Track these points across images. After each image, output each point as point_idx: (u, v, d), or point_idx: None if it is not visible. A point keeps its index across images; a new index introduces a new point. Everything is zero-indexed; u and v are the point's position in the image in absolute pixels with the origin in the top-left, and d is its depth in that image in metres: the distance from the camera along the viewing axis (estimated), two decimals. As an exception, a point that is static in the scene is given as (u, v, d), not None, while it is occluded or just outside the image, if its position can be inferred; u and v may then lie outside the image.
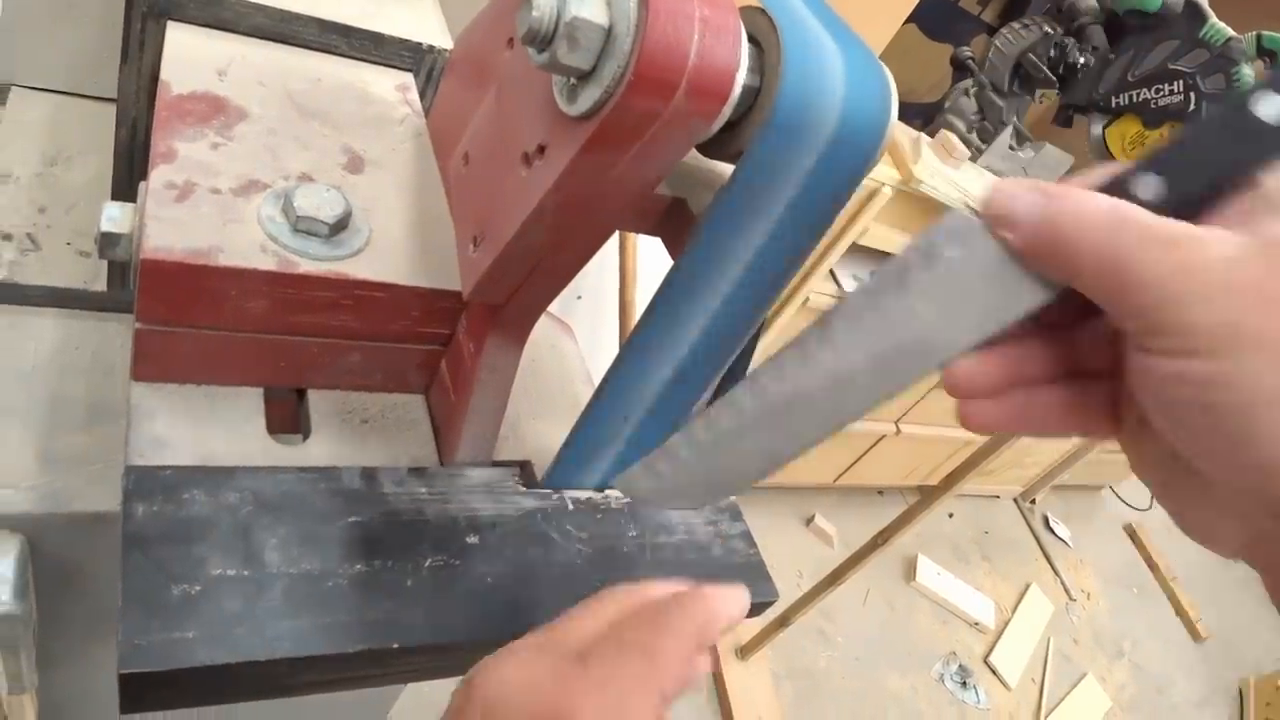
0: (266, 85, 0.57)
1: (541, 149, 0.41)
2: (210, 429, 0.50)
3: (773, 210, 0.41)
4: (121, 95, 0.60)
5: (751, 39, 0.40)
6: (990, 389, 0.30)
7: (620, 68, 0.35)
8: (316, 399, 0.55)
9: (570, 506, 0.55)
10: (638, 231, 0.46)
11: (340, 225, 0.50)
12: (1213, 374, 0.23)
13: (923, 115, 1.79)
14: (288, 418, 0.55)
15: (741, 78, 0.38)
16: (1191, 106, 1.47)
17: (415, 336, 0.54)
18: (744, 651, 1.76)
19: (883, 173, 1.38)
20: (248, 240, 0.48)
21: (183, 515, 0.44)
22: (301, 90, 0.58)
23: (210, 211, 0.48)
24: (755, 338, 0.50)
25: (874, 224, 1.44)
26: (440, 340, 0.55)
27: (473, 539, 0.50)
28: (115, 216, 0.49)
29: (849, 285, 1.55)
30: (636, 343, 0.46)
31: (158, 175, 0.48)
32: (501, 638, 0.35)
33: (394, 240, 0.53)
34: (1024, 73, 1.60)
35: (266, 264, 0.47)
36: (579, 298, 1.39)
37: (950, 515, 2.53)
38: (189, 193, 0.49)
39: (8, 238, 0.65)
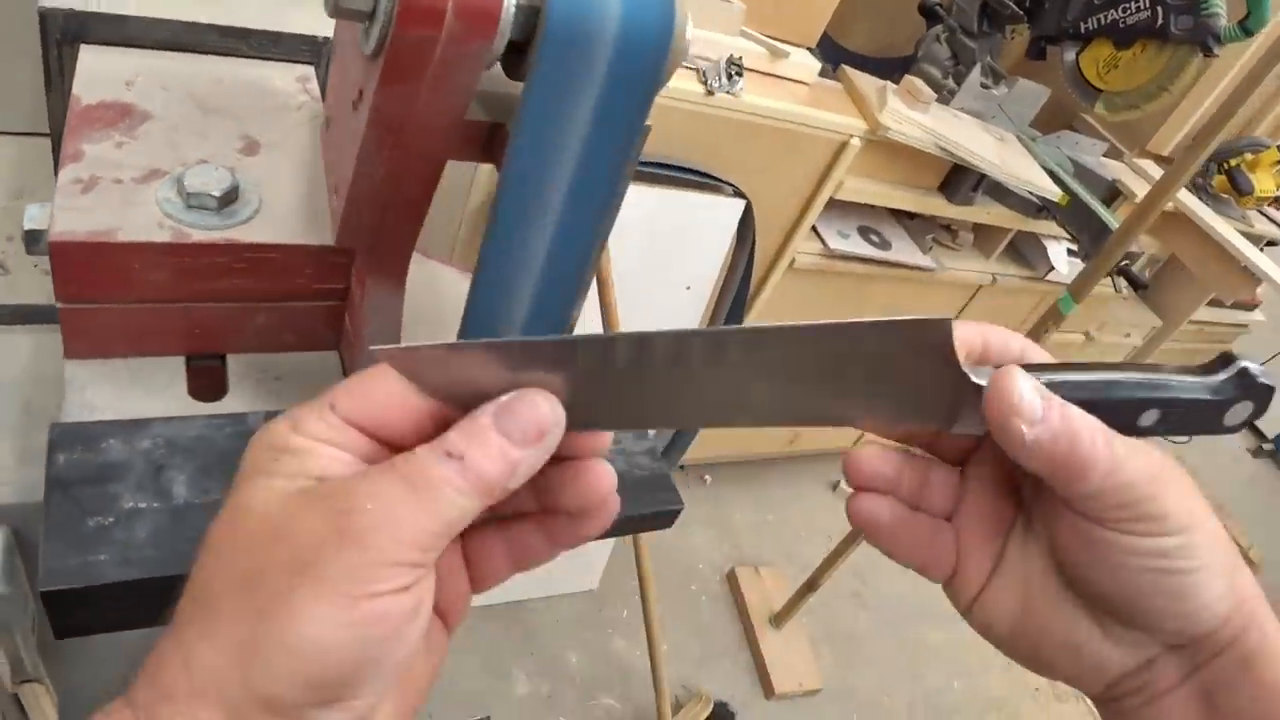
0: (170, 90, 0.63)
1: (360, 93, 0.46)
2: (134, 394, 0.56)
3: (573, 122, 0.45)
4: (52, 120, 0.67)
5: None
6: (885, 487, 0.35)
7: (390, 3, 0.40)
8: (234, 363, 0.61)
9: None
10: (469, 159, 0.50)
11: (229, 198, 0.56)
12: (1180, 546, 0.30)
13: (902, 67, 1.80)
14: (212, 383, 0.60)
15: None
16: (1159, 21, 1.46)
17: (314, 294, 0.59)
18: (778, 620, 1.78)
19: (848, 124, 1.40)
20: (146, 219, 0.54)
21: (99, 460, 0.49)
22: (204, 91, 0.64)
23: (112, 199, 0.54)
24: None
25: (848, 177, 1.46)
26: (338, 295, 0.60)
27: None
28: (35, 215, 0.55)
29: (835, 243, 1.56)
30: (485, 275, 0.50)
31: (65, 173, 0.54)
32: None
33: (286, 209, 0.58)
34: (991, 11, 1.61)
35: (162, 237, 0.53)
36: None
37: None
38: (93, 185, 0.55)
39: (-22, 264, 0.72)
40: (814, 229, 1.57)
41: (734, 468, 2.11)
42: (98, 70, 0.63)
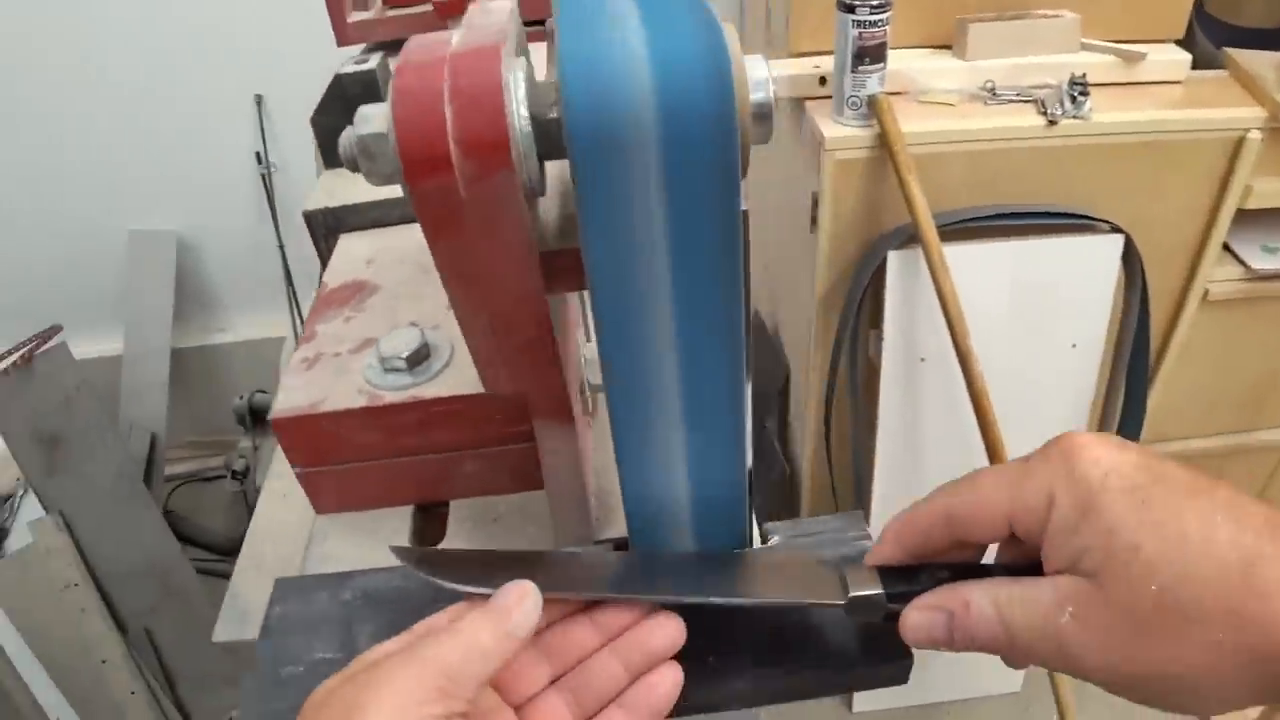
0: (404, 261, 0.71)
1: (434, 250, 0.46)
2: (368, 543, 0.61)
3: (642, 232, 0.40)
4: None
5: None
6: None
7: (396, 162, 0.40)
8: (458, 507, 0.64)
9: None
10: (568, 290, 0.47)
11: (417, 357, 0.60)
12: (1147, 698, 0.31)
13: (1261, 40, 1.39)
14: (432, 528, 0.64)
15: (520, 119, 0.39)
16: None
17: (511, 437, 0.61)
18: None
19: (1239, 116, 1.12)
20: (350, 388, 0.60)
21: (305, 612, 0.54)
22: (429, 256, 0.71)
23: (327, 372, 0.61)
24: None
25: (1256, 179, 1.16)
26: (532, 438, 0.60)
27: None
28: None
29: (1260, 261, 1.23)
30: (618, 433, 0.45)
31: (296, 355, 0.63)
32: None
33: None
34: None
35: (359, 402, 0.58)
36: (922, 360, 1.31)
37: None
38: (316, 362, 0.62)
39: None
40: (1227, 248, 1.26)
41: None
42: (347, 254, 0.72)
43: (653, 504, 0.46)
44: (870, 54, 1.09)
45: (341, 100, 0.76)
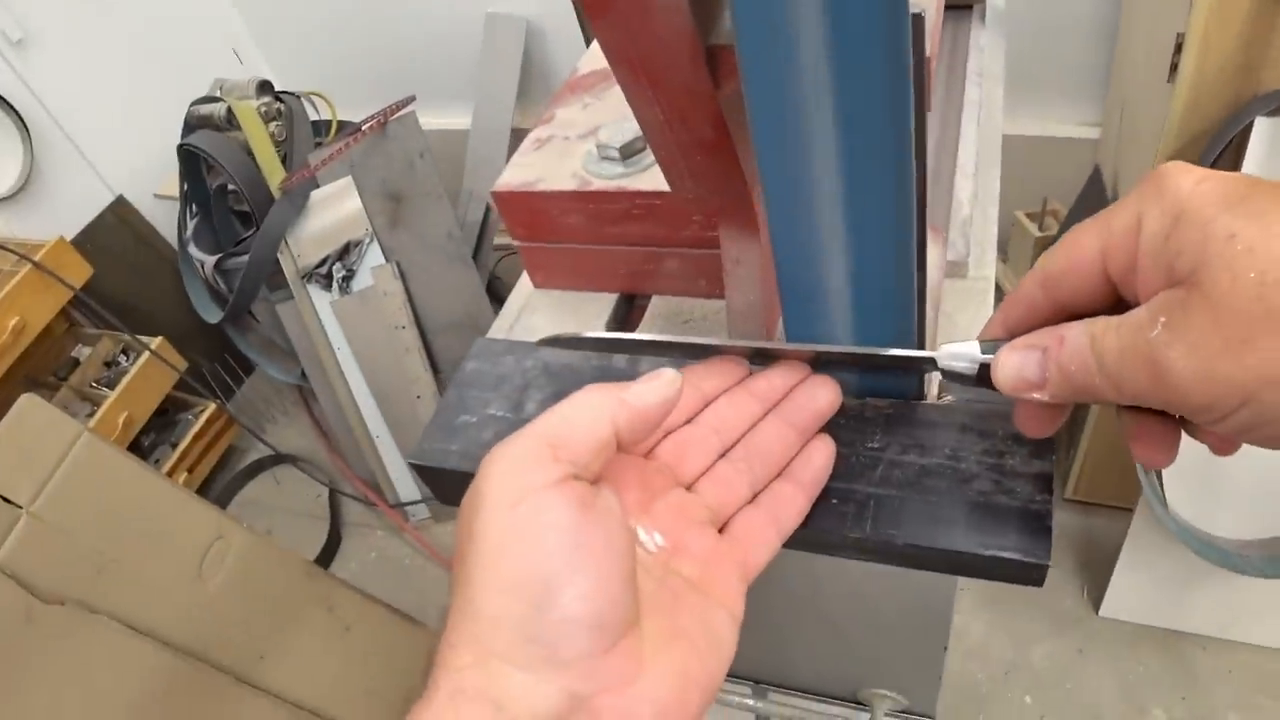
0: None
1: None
2: (568, 323, 0.65)
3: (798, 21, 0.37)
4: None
5: None
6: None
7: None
8: (659, 303, 0.65)
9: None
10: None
11: (630, 149, 0.60)
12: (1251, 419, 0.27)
13: None
14: (628, 320, 0.66)
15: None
16: None
17: (710, 242, 0.60)
18: None
19: None
20: (567, 171, 0.62)
21: (494, 371, 0.60)
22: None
23: (553, 155, 0.64)
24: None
25: None
26: (726, 243, 0.59)
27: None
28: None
29: None
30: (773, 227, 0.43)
31: (532, 134, 0.66)
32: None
33: (688, 157, 0.60)
34: None
35: (570, 185, 0.61)
36: None
37: None
38: (545, 144, 0.65)
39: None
40: None
41: None
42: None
43: (809, 295, 0.44)
44: None
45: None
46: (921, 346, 0.45)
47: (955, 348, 0.37)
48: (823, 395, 0.43)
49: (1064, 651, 1.44)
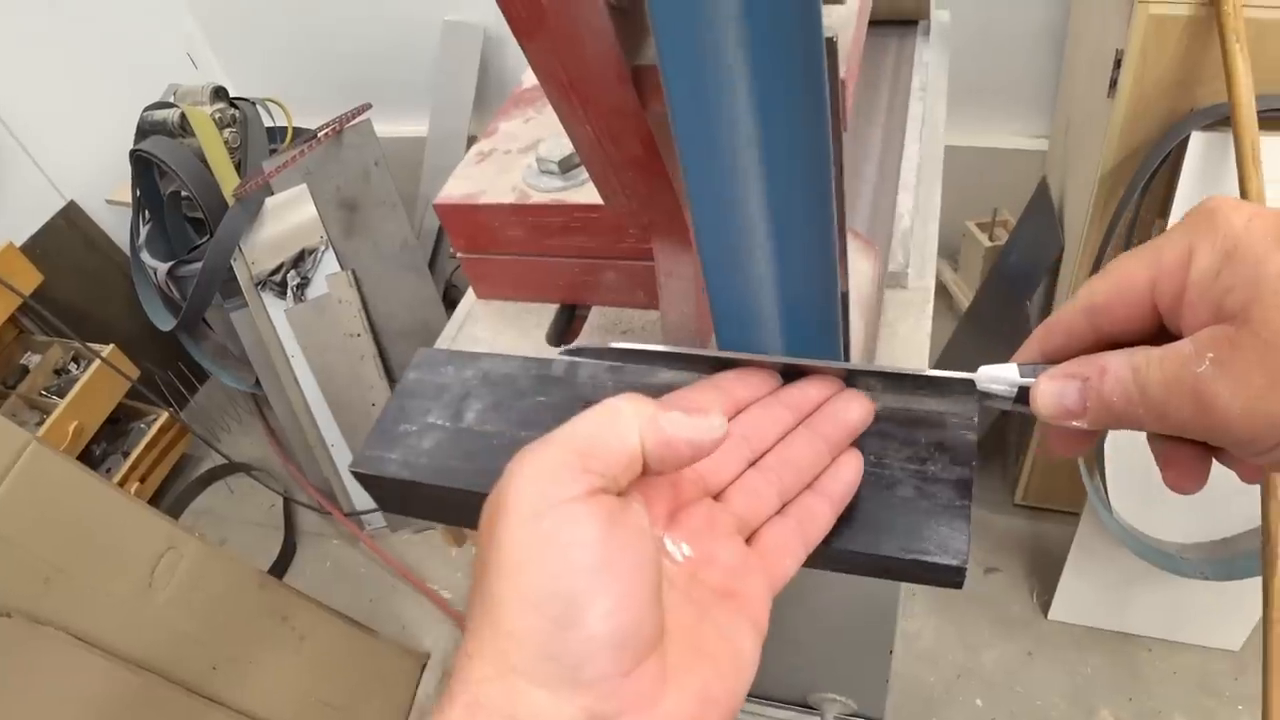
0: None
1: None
2: (508, 333, 0.66)
3: (714, 32, 0.37)
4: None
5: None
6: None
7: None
8: (597, 315, 0.66)
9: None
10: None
11: (570, 164, 0.61)
12: None
13: None
14: (567, 330, 0.67)
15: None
16: None
17: (647, 254, 0.61)
18: None
19: None
20: (508, 184, 0.63)
21: (434, 381, 0.60)
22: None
23: (494, 168, 0.64)
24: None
25: None
26: (662, 255, 0.60)
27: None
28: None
29: None
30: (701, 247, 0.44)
31: (475, 147, 0.66)
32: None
33: (625, 171, 0.61)
34: None
35: (510, 198, 0.61)
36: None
37: None
38: (488, 157, 0.66)
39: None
40: None
41: None
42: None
43: (738, 306, 0.44)
44: None
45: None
46: (846, 355, 0.46)
47: (994, 370, 0.37)
48: (855, 409, 0.42)
49: (1014, 654, 1.46)
